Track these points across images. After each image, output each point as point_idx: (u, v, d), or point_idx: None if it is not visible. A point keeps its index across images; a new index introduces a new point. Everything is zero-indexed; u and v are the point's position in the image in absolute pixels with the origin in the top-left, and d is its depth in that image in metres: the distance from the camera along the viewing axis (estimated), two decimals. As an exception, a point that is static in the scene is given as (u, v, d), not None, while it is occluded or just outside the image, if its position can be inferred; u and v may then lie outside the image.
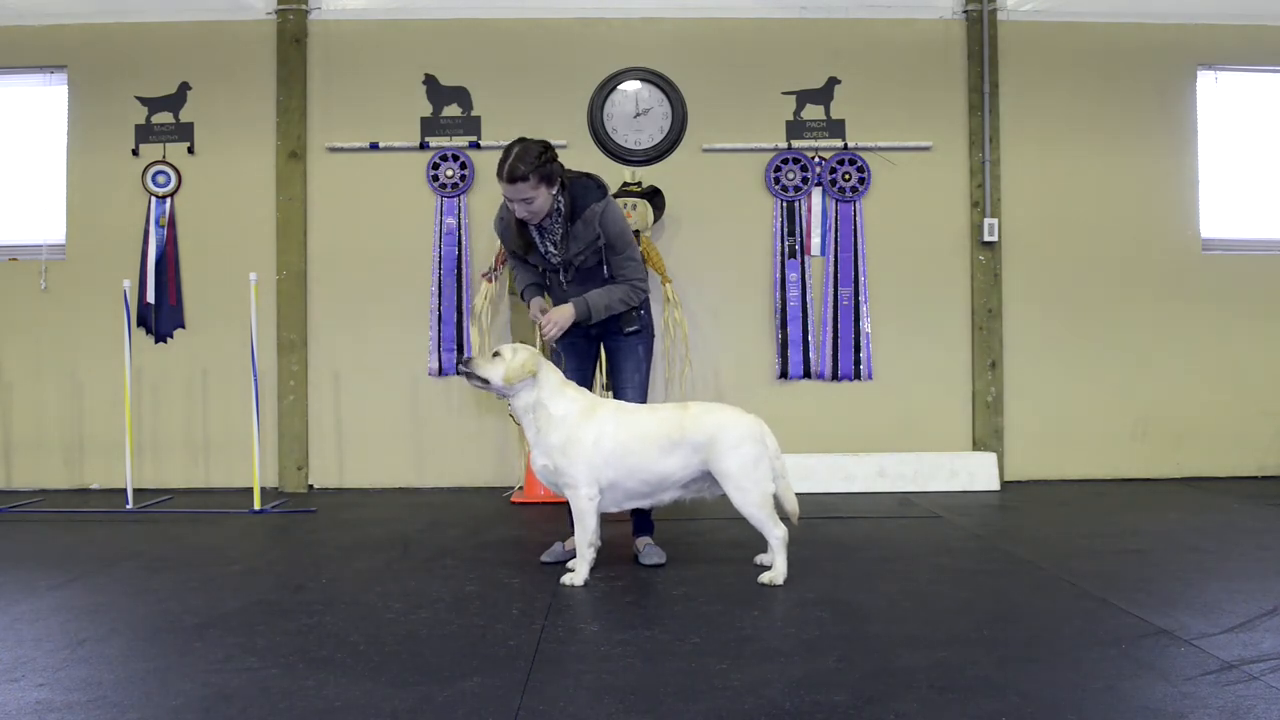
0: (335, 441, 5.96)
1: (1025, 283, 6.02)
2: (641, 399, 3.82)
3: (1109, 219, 6.06)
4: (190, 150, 5.96)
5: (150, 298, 5.91)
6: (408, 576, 3.65)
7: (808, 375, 5.98)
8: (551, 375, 3.57)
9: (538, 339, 4.14)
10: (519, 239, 3.73)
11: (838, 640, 2.80)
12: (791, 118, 6.02)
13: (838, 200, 6.00)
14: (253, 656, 2.68)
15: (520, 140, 3.57)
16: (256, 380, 5.22)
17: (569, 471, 3.50)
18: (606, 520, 3.64)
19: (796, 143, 6.00)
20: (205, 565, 3.87)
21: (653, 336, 3.95)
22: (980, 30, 5.95)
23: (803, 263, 5.99)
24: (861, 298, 5.98)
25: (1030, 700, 2.31)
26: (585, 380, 3.86)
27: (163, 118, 5.97)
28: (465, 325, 5.90)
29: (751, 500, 3.48)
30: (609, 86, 5.96)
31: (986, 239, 5.94)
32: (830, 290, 5.99)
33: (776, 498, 3.57)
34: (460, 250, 5.93)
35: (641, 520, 3.91)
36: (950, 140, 6.02)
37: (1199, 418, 6.05)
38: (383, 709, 2.29)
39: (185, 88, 5.96)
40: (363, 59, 5.97)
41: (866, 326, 5.98)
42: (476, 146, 5.95)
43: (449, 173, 5.94)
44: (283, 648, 2.76)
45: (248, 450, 5.42)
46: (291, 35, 5.89)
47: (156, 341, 5.95)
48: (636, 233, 5.56)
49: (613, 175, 5.76)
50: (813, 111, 6.02)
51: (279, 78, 5.92)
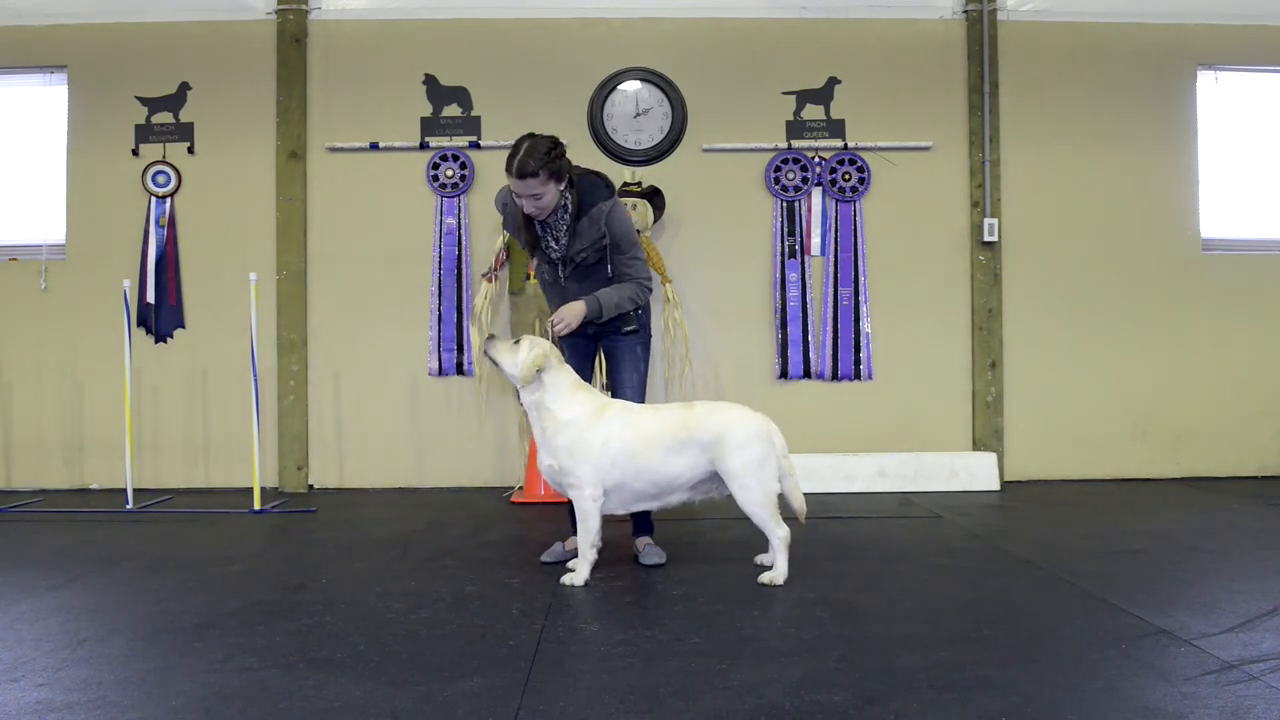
0: (335, 441, 5.96)
1: (1025, 283, 6.02)
2: (639, 399, 3.82)
3: (1109, 219, 6.06)
4: (190, 150, 5.96)
5: (150, 298, 5.91)
6: (408, 576, 3.65)
7: (808, 375, 5.98)
8: (563, 377, 3.55)
9: (547, 335, 4.13)
10: (524, 232, 3.74)
11: (838, 640, 2.80)
12: (791, 118, 6.02)
13: (838, 200, 6.00)
14: (253, 656, 2.68)
15: (529, 136, 3.56)
16: (256, 380, 5.22)
17: (574, 472, 3.49)
18: (607, 521, 3.64)
19: (796, 143, 6.00)
20: (205, 565, 3.87)
21: (650, 336, 3.96)
22: (980, 30, 5.95)
23: (803, 263, 5.99)
24: (861, 298, 5.99)
25: (1030, 700, 2.31)
26: (584, 380, 3.85)
27: (163, 118, 5.97)
28: (465, 325, 5.90)
29: (756, 500, 3.47)
30: (609, 86, 5.96)
31: (986, 239, 5.94)
32: (830, 290, 5.99)
33: (783, 497, 3.57)
34: (460, 250, 5.93)
35: (641, 520, 3.91)
36: (950, 140, 6.02)
37: (1199, 418, 6.05)
38: (383, 709, 2.29)
39: (185, 88, 5.96)
40: (363, 59, 5.97)
41: (866, 326, 5.98)
42: (476, 146, 5.95)
43: (449, 173, 5.94)
44: (283, 648, 2.76)
45: (248, 450, 5.42)
46: (291, 35, 5.90)
47: (156, 341, 5.95)
48: (637, 232, 5.56)
49: (613, 175, 5.73)
50: (813, 111, 6.02)
51: (279, 78, 5.92)
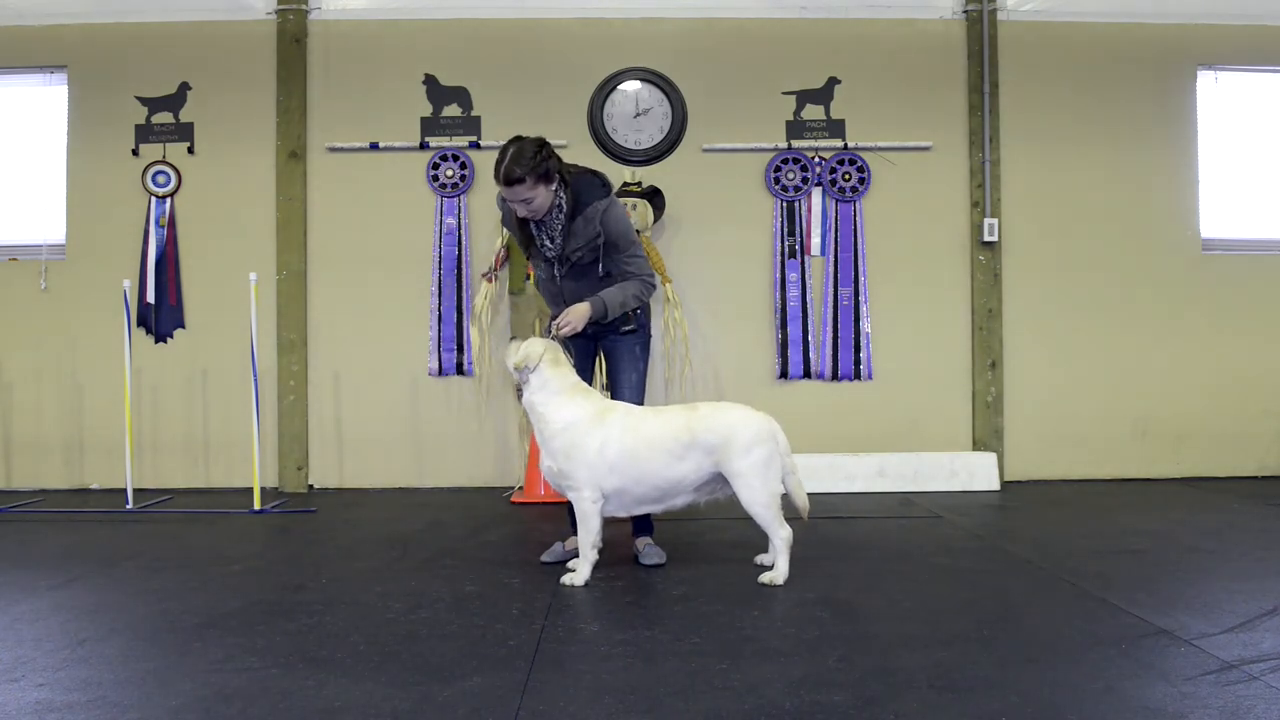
0: (335, 441, 5.96)
1: (1025, 283, 6.02)
2: (638, 399, 3.81)
3: (1109, 219, 6.06)
4: (190, 150, 5.96)
5: (150, 298, 5.91)
6: (408, 576, 3.65)
7: (808, 375, 5.98)
8: (559, 378, 3.54)
9: (547, 335, 4.13)
10: (519, 231, 3.72)
11: (838, 640, 2.80)
12: (791, 118, 6.02)
13: (838, 200, 6.00)
14: (253, 656, 2.68)
15: (516, 140, 3.53)
16: (256, 380, 5.22)
17: (573, 475, 3.49)
18: (607, 521, 3.63)
19: (796, 143, 6.00)
20: (205, 565, 3.87)
21: (649, 336, 3.94)
22: (980, 30, 5.95)
23: (803, 263, 5.99)
24: (861, 298, 5.99)
25: (1030, 700, 2.31)
26: (585, 379, 3.85)
27: (163, 118, 5.97)
28: (465, 325, 5.90)
29: (760, 500, 3.47)
30: (609, 86, 5.96)
31: (986, 239, 5.94)
32: (830, 290, 5.99)
33: (787, 496, 3.57)
34: (460, 250, 5.93)
35: (641, 520, 3.90)
36: (950, 140, 6.02)
37: (1199, 418, 6.06)
38: (383, 709, 2.29)
39: (185, 88, 5.96)
40: (363, 59, 5.97)
41: (866, 326, 5.98)
42: (476, 146, 5.95)
43: (449, 173, 5.94)
44: (283, 648, 2.76)
45: (248, 450, 5.42)
46: (291, 35, 5.90)
47: (156, 341, 5.95)
48: (637, 232, 5.56)
49: (613, 175, 5.73)
50: (813, 111, 6.02)
51: (279, 78, 5.92)
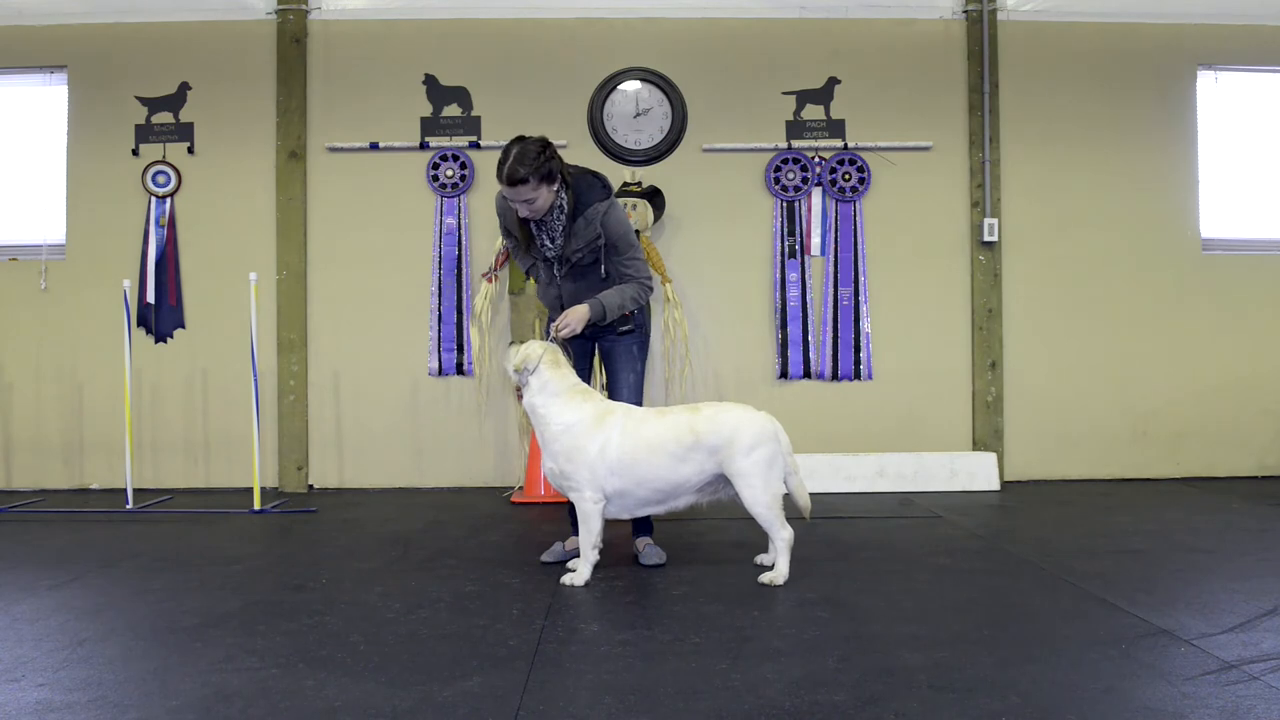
0: (335, 441, 5.96)
1: (1025, 283, 6.02)
2: (637, 399, 3.81)
3: (1109, 219, 6.06)
4: (190, 150, 5.96)
5: (150, 298, 5.91)
6: (408, 576, 3.65)
7: (808, 375, 5.98)
8: (558, 380, 3.54)
9: (547, 336, 4.13)
10: (520, 230, 3.71)
11: (838, 640, 2.80)
12: (791, 118, 6.02)
13: (838, 200, 6.00)
14: (253, 656, 2.68)
15: (518, 140, 3.52)
16: (256, 380, 5.22)
17: (574, 476, 3.50)
18: (607, 522, 3.63)
19: (796, 143, 6.00)
20: (205, 565, 3.87)
21: (647, 336, 3.94)
22: (980, 30, 5.95)
23: (803, 263, 5.99)
24: (861, 298, 5.99)
25: (1030, 700, 2.31)
26: (584, 380, 3.84)
27: (163, 118, 5.97)
28: (465, 325, 5.90)
29: (762, 500, 3.47)
30: (609, 86, 5.96)
31: (986, 239, 5.94)
32: (830, 290, 5.99)
33: (789, 496, 3.57)
34: (460, 250, 5.93)
35: (641, 521, 3.90)
36: (950, 140, 6.02)
37: (1199, 418, 6.06)
38: (383, 709, 2.29)
39: (185, 88, 5.96)
40: (363, 59, 5.97)
41: (866, 326, 5.98)
42: (476, 146, 5.95)
43: (449, 173, 5.94)
44: (283, 648, 2.76)
45: (247, 450, 5.42)
46: (291, 35, 5.90)
47: (156, 341, 5.95)
48: (636, 233, 5.55)
49: (613, 175, 5.73)
50: (813, 111, 6.02)
51: (279, 78, 5.92)
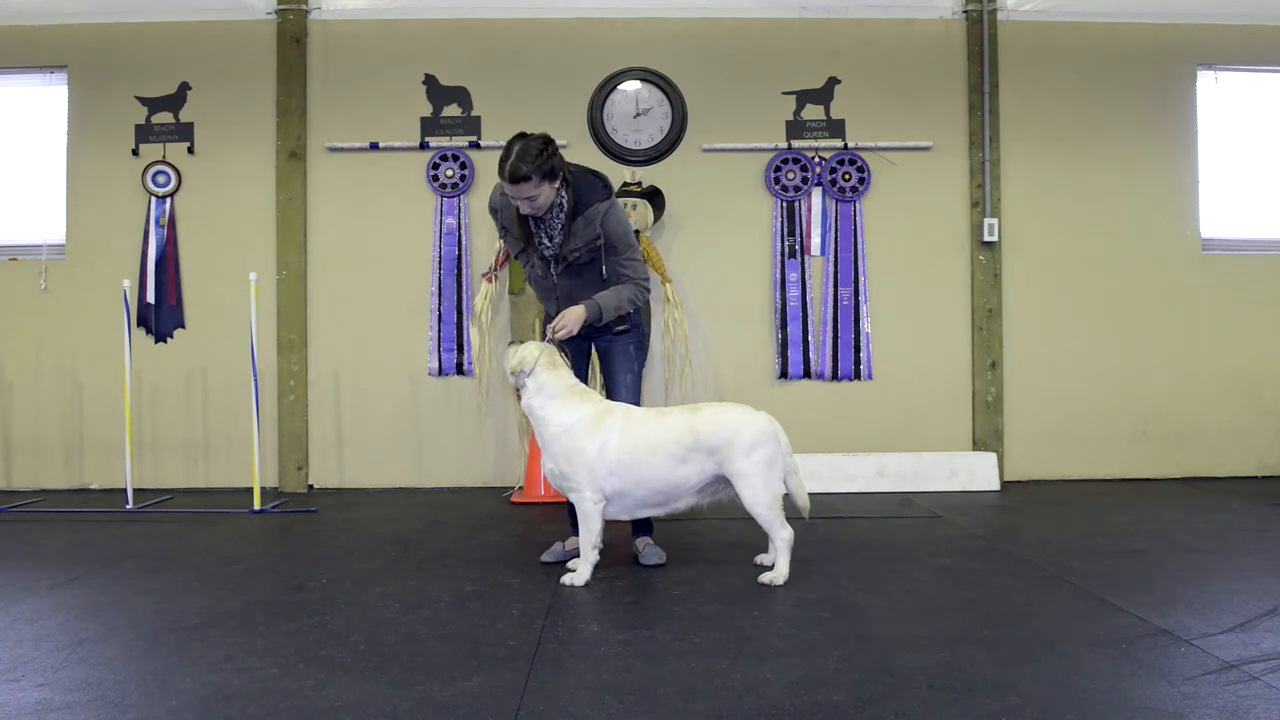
0: (335, 441, 5.96)
1: (1025, 283, 6.02)
2: (635, 399, 3.81)
3: (1109, 219, 6.06)
4: (190, 150, 5.96)
5: (150, 298, 5.91)
6: (408, 576, 3.65)
7: (808, 375, 5.98)
8: (555, 381, 3.54)
9: (538, 337, 4.13)
10: (518, 228, 3.69)
11: (838, 640, 2.80)
12: (791, 118, 6.02)
13: (838, 200, 6.00)
14: (253, 656, 2.68)
15: (521, 136, 3.50)
16: (256, 380, 5.22)
17: (573, 477, 3.50)
18: (607, 523, 3.63)
19: (796, 143, 6.00)
20: (205, 565, 3.87)
21: (644, 336, 3.93)
22: (980, 30, 5.95)
23: (803, 263, 5.99)
24: (861, 298, 5.99)
25: (1030, 700, 2.31)
26: (581, 380, 3.84)
27: (163, 118, 5.97)
28: (465, 325, 5.90)
29: (763, 501, 3.47)
30: (609, 86, 5.96)
31: (986, 239, 5.94)
32: (830, 290, 5.99)
33: (788, 496, 3.57)
34: (460, 250, 5.93)
35: (641, 520, 3.90)
36: (950, 140, 6.02)
37: (1199, 418, 6.06)
38: (383, 709, 2.29)
39: (185, 88, 5.96)
40: (363, 59, 5.97)
41: (866, 326, 5.98)
42: (476, 146, 5.95)
43: (449, 173, 5.94)
44: (283, 648, 2.76)
45: (248, 450, 5.42)
46: (291, 35, 5.90)
47: (156, 341, 5.95)
48: (636, 233, 5.55)
49: (613, 175, 5.73)
50: (813, 111, 6.02)
51: (279, 78, 5.92)
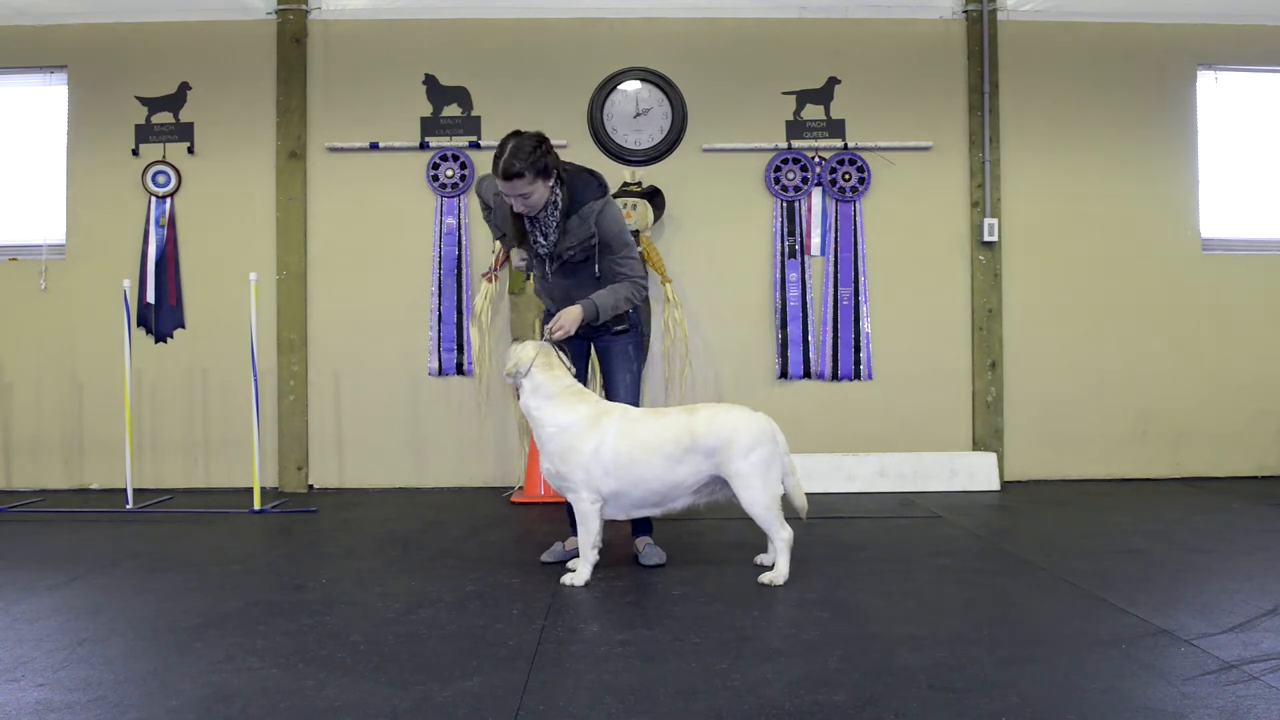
0: (335, 441, 5.96)
1: (1025, 283, 6.02)
2: (634, 399, 3.80)
3: (1109, 219, 6.06)
4: (190, 150, 5.96)
5: (150, 298, 5.91)
6: (408, 576, 3.65)
7: (808, 375, 5.98)
8: (551, 381, 3.54)
9: (538, 337, 4.13)
10: (512, 225, 3.68)
11: (838, 640, 2.80)
12: (791, 118, 6.02)
13: (838, 200, 6.00)
14: (253, 656, 2.68)
15: (514, 134, 3.49)
16: (256, 380, 5.22)
17: (570, 477, 3.50)
18: (607, 522, 3.63)
19: (796, 143, 6.00)
20: (205, 565, 3.87)
21: (643, 336, 3.93)
22: (980, 30, 5.95)
23: (803, 263, 5.99)
24: (861, 298, 5.99)
25: (1030, 700, 2.31)
26: (580, 380, 3.84)
27: (163, 118, 5.97)
28: (465, 325, 5.90)
29: (761, 502, 3.47)
30: (609, 86, 5.96)
31: (986, 239, 5.93)
32: (830, 290, 5.99)
33: (785, 496, 3.57)
34: (460, 250, 5.93)
35: (641, 520, 3.90)
36: (950, 140, 6.02)
37: (1199, 418, 6.05)
38: (383, 709, 2.29)
39: (185, 88, 5.96)
40: (363, 59, 5.97)
41: (866, 326, 5.98)
42: (476, 146, 5.95)
43: (449, 173, 5.94)
44: (283, 648, 2.76)
45: (248, 450, 5.42)
46: (291, 35, 5.89)
47: (156, 341, 5.95)
48: (636, 233, 5.56)
49: (613, 175, 5.75)
50: (813, 111, 6.02)
51: (279, 78, 5.92)
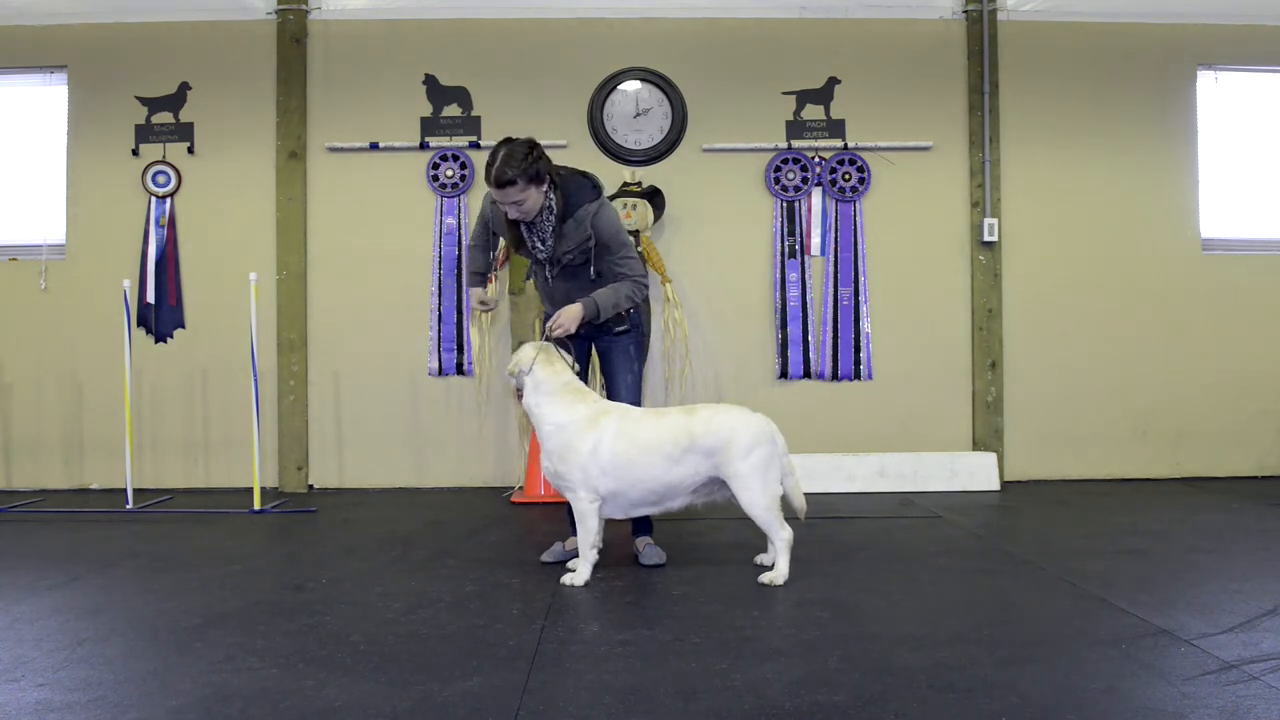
0: (335, 441, 5.96)
1: (1025, 283, 6.02)
2: (635, 399, 3.81)
3: (1109, 219, 6.06)
4: (190, 150, 5.96)
5: (150, 298, 5.91)
6: (408, 576, 3.65)
7: (808, 375, 5.98)
8: (552, 378, 3.55)
9: (538, 337, 4.14)
10: (509, 232, 3.69)
11: (838, 640, 2.80)
12: (791, 118, 6.02)
13: (838, 200, 6.00)
14: (253, 656, 2.68)
15: (506, 141, 3.50)
16: (256, 380, 5.22)
17: (568, 476, 3.51)
18: (607, 522, 3.64)
19: (796, 143, 6.00)
20: (205, 565, 3.87)
21: (644, 336, 3.94)
22: (980, 30, 5.95)
23: (803, 263, 5.99)
24: (861, 298, 5.98)
25: (1030, 700, 2.31)
26: (580, 380, 3.84)
27: (163, 118, 5.97)
28: (465, 325, 5.90)
29: (760, 503, 3.47)
30: (609, 86, 5.96)
31: (986, 239, 5.94)
32: (830, 290, 5.99)
33: (785, 497, 3.57)
34: (460, 250, 5.93)
35: (641, 521, 3.90)
36: (950, 140, 6.02)
37: (1199, 418, 6.05)
38: (383, 709, 2.29)
39: (185, 88, 5.96)
40: (363, 59, 5.97)
41: (866, 326, 5.98)
42: (476, 146, 5.95)
43: (449, 173, 5.94)
44: (283, 648, 2.76)
45: (248, 450, 5.42)
46: (291, 35, 5.89)
47: (156, 341, 5.95)
48: (636, 233, 5.56)
49: (613, 175, 5.77)
50: (813, 111, 6.02)
51: (279, 78, 5.92)
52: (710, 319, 5.99)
